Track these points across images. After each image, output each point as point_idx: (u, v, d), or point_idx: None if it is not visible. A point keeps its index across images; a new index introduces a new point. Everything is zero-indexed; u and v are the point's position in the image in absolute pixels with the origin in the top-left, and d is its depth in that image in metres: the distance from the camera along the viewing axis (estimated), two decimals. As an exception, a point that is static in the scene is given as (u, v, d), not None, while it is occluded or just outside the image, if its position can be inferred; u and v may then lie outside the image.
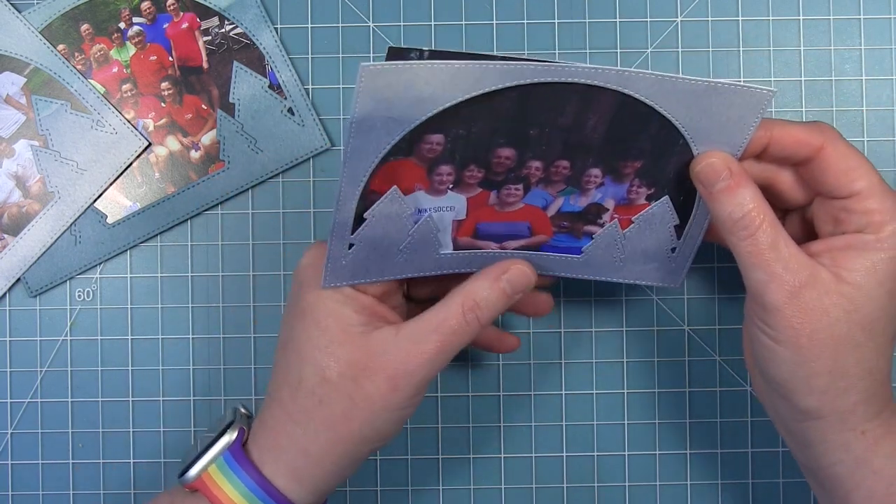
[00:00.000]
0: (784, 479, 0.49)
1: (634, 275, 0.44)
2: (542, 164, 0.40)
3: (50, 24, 0.48)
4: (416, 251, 0.41)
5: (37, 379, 0.49)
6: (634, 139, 0.39)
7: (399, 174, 0.39)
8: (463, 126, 0.38)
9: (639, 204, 0.42)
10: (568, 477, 0.49)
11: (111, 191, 0.49)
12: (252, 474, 0.38)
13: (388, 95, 0.36)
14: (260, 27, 0.49)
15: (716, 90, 0.38)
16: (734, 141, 0.39)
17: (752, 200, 0.38)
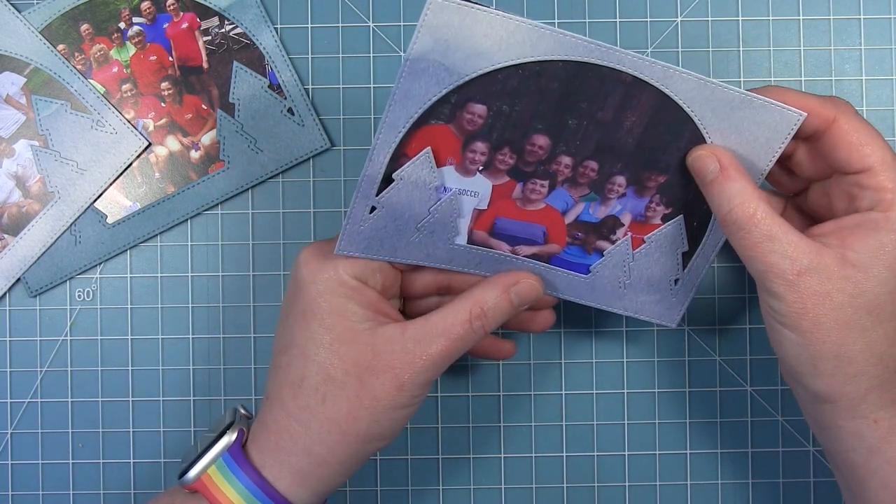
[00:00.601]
0: (784, 480, 0.49)
1: (635, 306, 0.44)
2: (572, 161, 0.40)
3: (50, 24, 0.48)
4: (433, 234, 0.41)
5: (37, 379, 0.49)
6: (664, 150, 0.40)
7: (436, 141, 0.39)
8: (507, 101, 0.38)
9: (654, 223, 0.42)
10: (568, 477, 0.49)
11: (111, 191, 0.49)
12: (252, 476, 0.38)
13: (447, 37, 0.37)
14: (260, 27, 0.49)
15: (751, 104, 0.38)
16: (758, 165, 0.40)
17: (739, 194, 0.38)
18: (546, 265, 0.43)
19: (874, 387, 0.38)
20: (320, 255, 0.40)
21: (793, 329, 0.37)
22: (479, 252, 0.42)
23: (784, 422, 0.49)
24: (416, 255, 0.42)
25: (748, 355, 0.49)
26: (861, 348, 0.37)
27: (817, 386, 0.38)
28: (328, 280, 0.39)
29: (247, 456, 0.39)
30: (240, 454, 0.39)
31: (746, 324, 0.49)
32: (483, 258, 0.42)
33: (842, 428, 0.38)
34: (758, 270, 0.38)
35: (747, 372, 0.49)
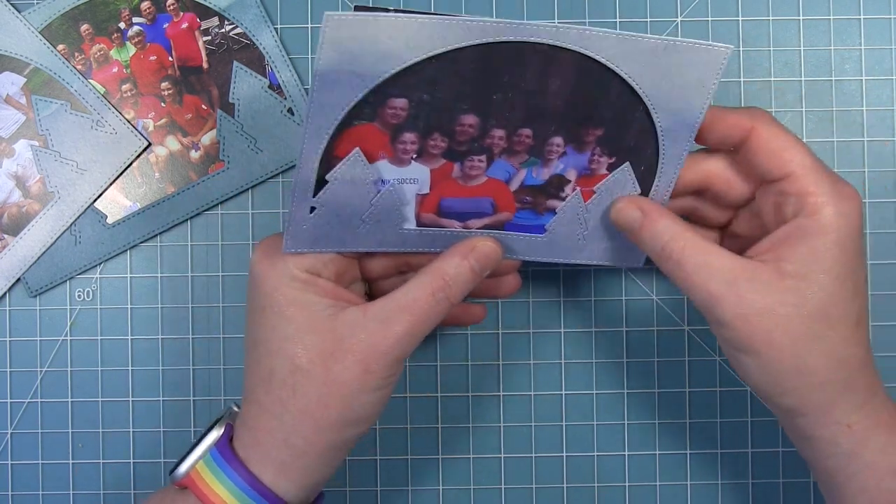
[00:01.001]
0: (784, 479, 0.49)
1: (597, 255, 0.44)
2: (505, 133, 0.40)
3: (50, 24, 0.48)
4: (380, 222, 0.41)
5: (37, 379, 0.49)
6: (595, 105, 0.39)
7: (363, 140, 0.39)
8: (427, 90, 0.38)
9: (600, 174, 0.41)
10: (568, 477, 0.49)
11: (111, 191, 0.49)
12: (239, 471, 0.38)
13: (352, 48, 0.36)
14: (260, 27, 0.49)
15: (675, 48, 0.38)
16: (693, 104, 0.39)
17: (666, 231, 0.38)
18: (501, 232, 0.42)
19: (841, 391, 0.37)
20: (270, 251, 0.39)
21: (748, 352, 0.37)
22: (432, 232, 0.42)
23: (784, 422, 0.49)
24: (367, 243, 0.41)
25: (748, 355, 0.49)
26: (819, 356, 0.37)
27: (785, 402, 0.38)
28: (280, 276, 0.39)
29: (233, 451, 0.39)
30: (227, 449, 0.39)
31: (746, 324, 0.49)
32: (436, 236, 0.42)
33: (818, 438, 0.38)
34: (700, 300, 0.37)
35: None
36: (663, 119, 0.40)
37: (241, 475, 0.38)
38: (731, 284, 0.37)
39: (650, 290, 0.49)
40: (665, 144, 0.40)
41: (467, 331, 0.49)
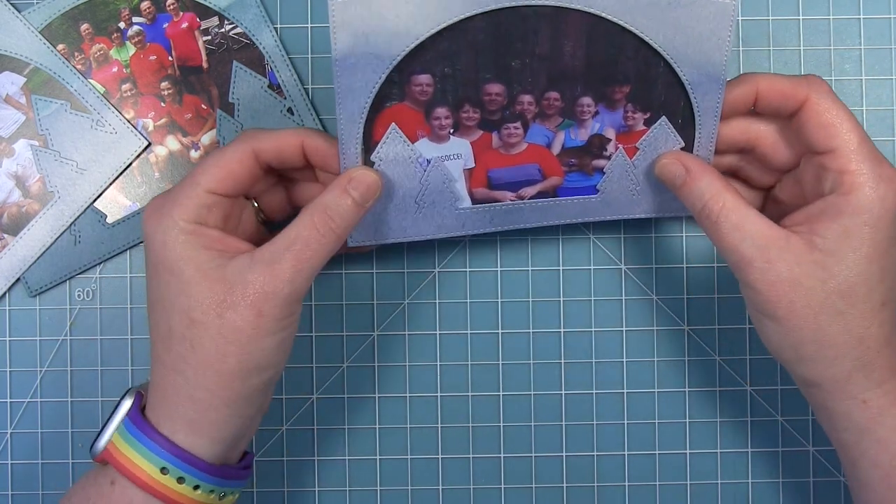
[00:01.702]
0: (784, 480, 0.49)
1: (655, 207, 0.44)
2: (532, 97, 0.41)
3: (50, 24, 0.48)
4: (435, 204, 0.42)
5: (37, 379, 0.49)
6: (615, 63, 0.40)
7: (399, 120, 0.40)
8: (447, 63, 0.39)
9: (638, 130, 0.42)
10: (568, 477, 0.49)
11: (111, 191, 0.49)
12: (150, 434, 0.38)
13: (363, 30, 0.37)
14: (260, 27, 0.49)
15: (678, 3, 0.38)
16: (713, 58, 0.40)
17: (708, 190, 0.39)
18: (555, 199, 0.43)
19: (858, 368, 0.38)
20: (156, 208, 0.39)
21: (771, 317, 0.38)
22: (488, 209, 0.43)
23: (784, 422, 0.49)
24: (427, 229, 0.42)
25: (748, 355, 0.49)
26: (838, 331, 0.38)
27: (802, 371, 0.39)
28: (166, 230, 0.38)
29: (145, 417, 0.39)
30: (137, 416, 0.39)
31: (746, 324, 0.49)
32: (494, 214, 0.43)
33: (832, 409, 0.39)
34: (732, 261, 0.39)
35: (747, 372, 0.49)
36: (687, 72, 0.40)
37: (152, 439, 0.38)
38: (763, 250, 0.38)
39: (650, 290, 0.49)
40: (696, 97, 0.41)
41: (467, 331, 0.49)
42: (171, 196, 0.39)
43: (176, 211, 0.39)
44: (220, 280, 0.37)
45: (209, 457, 0.38)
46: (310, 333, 0.49)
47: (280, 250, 0.38)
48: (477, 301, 0.49)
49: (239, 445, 0.40)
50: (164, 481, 0.37)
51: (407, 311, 0.49)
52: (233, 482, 0.40)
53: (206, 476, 0.38)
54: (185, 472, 0.37)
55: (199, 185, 0.39)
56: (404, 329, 0.49)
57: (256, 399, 0.39)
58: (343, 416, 0.49)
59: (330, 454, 0.49)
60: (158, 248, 0.38)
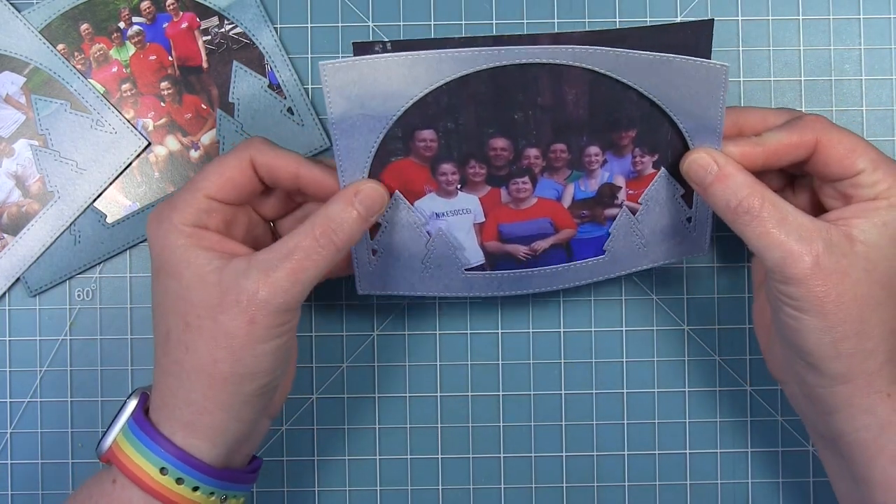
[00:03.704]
0: (784, 479, 0.49)
1: (661, 256, 0.44)
2: (538, 151, 0.40)
3: (49, 24, 0.48)
4: (441, 267, 0.42)
5: (36, 378, 0.49)
6: (620, 108, 0.39)
7: (405, 176, 0.40)
8: (449, 118, 0.38)
9: (648, 174, 0.42)
10: (568, 477, 0.49)
11: (111, 190, 0.49)
12: (151, 435, 0.38)
13: (357, 93, 0.37)
14: (259, 27, 0.48)
15: (670, 64, 0.38)
16: (709, 113, 0.40)
17: (745, 185, 0.39)
18: (566, 265, 0.43)
19: (887, 360, 0.38)
20: (157, 213, 0.39)
21: (815, 313, 0.37)
22: (494, 275, 0.42)
23: (784, 422, 0.49)
24: (435, 287, 0.42)
25: (748, 355, 0.49)
26: (877, 323, 0.38)
27: (836, 367, 0.38)
28: (166, 234, 0.38)
29: (148, 418, 0.39)
30: (141, 418, 0.39)
31: (746, 324, 0.49)
32: (502, 280, 0.43)
33: (855, 406, 0.39)
34: (774, 258, 0.38)
35: (747, 372, 0.49)
36: (685, 122, 0.40)
37: (153, 439, 0.38)
38: (808, 242, 0.37)
39: (650, 290, 0.49)
40: (695, 144, 0.41)
41: (467, 331, 0.49)
42: (172, 201, 0.39)
43: (175, 215, 0.39)
44: (216, 284, 0.37)
45: (210, 459, 0.38)
46: (310, 333, 0.49)
47: (278, 258, 0.37)
48: (477, 301, 0.49)
49: (242, 449, 0.40)
50: (163, 482, 0.37)
51: (407, 310, 0.49)
52: (236, 486, 0.40)
53: (206, 478, 0.38)
54: (183, 473, 0.37)
55: (199, 190, 0.39)
56: (404, 329, 0.49)
57: (254, 404, 0.39)
58: (343, 416, 0.49)
59: (330, 454, 0.49)
60: (159, 252, 0.39)
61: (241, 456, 0.40)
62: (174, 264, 0.38)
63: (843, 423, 0.39)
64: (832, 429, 0.40)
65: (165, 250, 0.38)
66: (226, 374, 0.37)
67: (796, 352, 0.39)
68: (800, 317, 0.38)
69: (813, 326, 0.38)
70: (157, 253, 0.39)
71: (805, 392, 0.41)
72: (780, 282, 0.38)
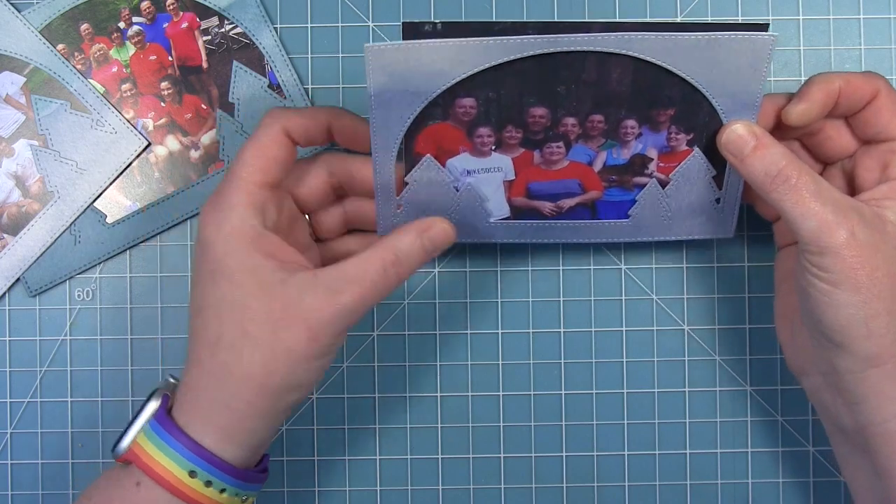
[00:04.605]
0: (784, 479, 0.49)
1: (685, 230, 0.45)
2: (576, 120, 0.41)
3: (49, 24, 0.48)
4: (466, 218, 0.42)
5: (36, 379, 0.49)
6: (661, 87, 0.40)
7: (440, 137, 0.40)
8: (491, 89, 0.39)
9: (681, 150, 0.42)
10: (568, 477, 0.49)
11: (111, 190, 0.49)
12: (180, 438, 0.38)
13: (400, 70, 0.38)
14: (259, 27, 0.48)
15: (717, 43, 0.39)
16: (749, 88, 0.40)
17: (783, 156, 0.39)
18: (590, 221, 0.43)
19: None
20: (215, 215, 0.39)
21: (848, 286, 0.37)
22: (519, 224, 0.43)
23: (784, 422, 0.49)
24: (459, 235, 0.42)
25: (748, 355, 0.49)
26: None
27: (868, 347, 0.38)
28: (230, 236, 0.38)
29: (173, 419, 0.39)
30: (164, 418, 0.39)
31: (746, 324, 0.49)
32: (524, 229, 0.43)
33: (884, 394, 0.38)
34: (810, 228, 0.38)
35: (747, 372, 0.49)
36: (722, 102, 0.41)
37: (182, 442, 0.38)
38: (844, 214, 0.37)
39: (650, 290, 0.49)
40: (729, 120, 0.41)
41: (467, 331, 0.49)
42: (223, 199, 0.39)
43: (234, 216, 0.38)
44: (279, 297, 0.37)
45: (235, 461, 0.38)
46: (310, 333, 0.49)
47: (344, 281, 0.38)
48: (477, 301, 0.49)
49: (262, 451, 0.41)
50: (192, 484, 0.37)
51: (407, 310, 0.49)
52: (254, 485, 0.40)
53: (233, 479, 0.38)
54: (213, 476, 0.38)
55: (243, 179, 0.39)
56: (404, 329, 0.49)
57: (289, 412, 0.40)
58: (343, 416, 0.49)
59: (330, 454, 0.49)
60: (220, 256, 0.38)
61: (257, 457, 0.40)
62: (237, 271, 0.38)
63: (871, 413, 0.39)
64: (858, 420, 0.40)
65: (228, 256, 0.38)
66: (276, 385, 0.38)
67: (826, 333, 0.39)
68: (832, 291, 0.38)
69: (845, 301, 0.37)
70: (218, 257, 0.38)
71: (831, 382, 0.40)
72: (815, 253, 0.38)
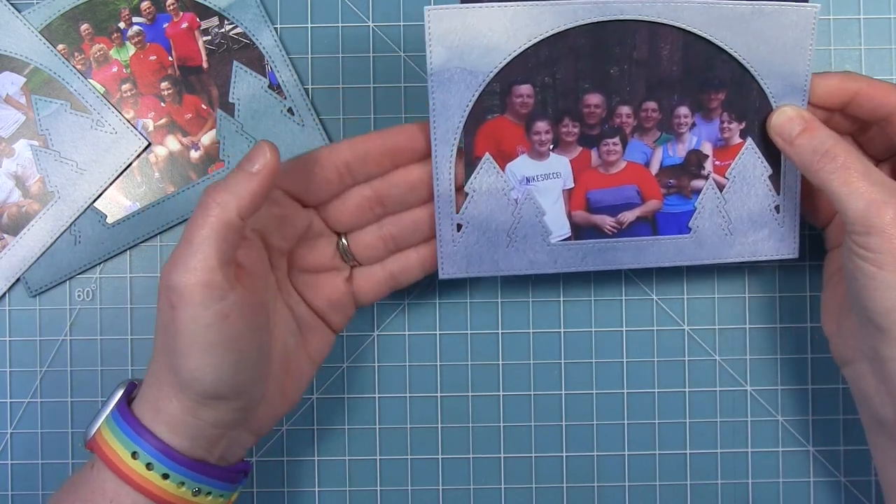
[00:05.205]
0: (784, 480, 0.49)
1: (749, 249, 0.44)
2: (631, 109, 0.41)
3: (50, 24, 0.48)
4: (527, 238, 0.42)
5: (36, 379, 0.49)
6: (711, 66, 0.41)
7: (499, 135, 0.41)
8: (546, 72, 0.40)
9: (735, 143, 0.42)
10: (568, 477, 0.49)
11: (111, 191, 0.49)
12: (128, 419, 0.38)
13: (457, 43, 0.39)
14: (259, 27, 0.48)
15: (762, 12, 0.39)
16: (797, 69, 0.41)
17: (831, 137, 0.40)
18: (652, 239, 0.43)
19: None
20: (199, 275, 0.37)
21: (894, 267, 0.37)
22: (581, 245, 0.43)
23: (784, 422, 0.49)
24: (520, 264, 0.43)
25: (748, 355, 0.49)
26: None
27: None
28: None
29: (129, 407, 0.39)
30: (123, 407, 0.39)
31: (746, 324, 0.49)
32: (586, 251, 0.43)
33: None
34: (858, 207, 0.38)
35: (747, 372, 0.49)
36: (771, 85, 0.41)
37: (127, 422, 0.38)
38: (892, 195, 0.38)
39: (650, 290, 0.49)
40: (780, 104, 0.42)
41: (467, 331, 0.49)
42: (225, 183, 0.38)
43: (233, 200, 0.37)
44: None
45: (176, 448, 0.38)
46: (310, 333, 0.49)
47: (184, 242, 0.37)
48: (477, 301, 0.49)
49: (212, 449, 0.39)
50: (133, 466, 0.37)
51: (407, 310, 0.49)
52: (211, 481, 0.39)
53: (175, 465, 0.38)
54: (153, 458, 0.37)
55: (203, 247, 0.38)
56: (404, 329, 0.49)
57: (210, 407, 0.38)
58: (343, 416, 0.49)
59: (330, 454, 0.49)
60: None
61: (212, 456, 0.40)
62: None
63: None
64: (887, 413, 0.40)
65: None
66: (172, 366, 0.37)
67: (872, 317, 0.39)
68: (878, 273, 0.38)
69: (891, 282, 0.38)
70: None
71: (877, 369, 0.40)
72: (861, 234, 0.38)
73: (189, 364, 0.37)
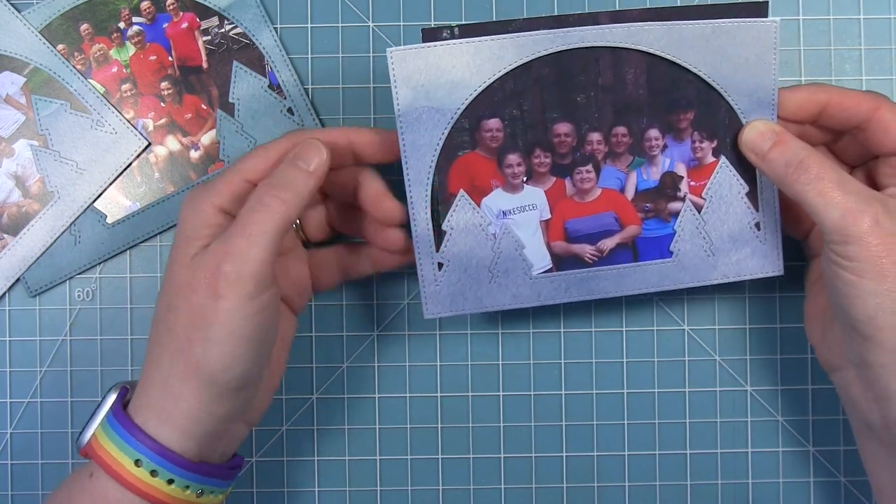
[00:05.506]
0: (784, 480, 0.49)
1: (734, 270, 0.44)
2: (601, 135, 0.41)
3: (49, 24, 0.48)
4: (508, 272, 0.42)
5: (36, 379, 0.49)
6: (678, 87, 0.41)
7: (472, 170, 0.41)
8: (513, 104, 0.40)
9: (709, 163, 0.42)
10: (568, 477, 0.49)
11: (111, 191, 0.49)
12: (127, 426, 0.38)
13: (422, 83, 0.38)
14: (259, 27, 0.48)
15: (721, 30, 0.39)
16: (762, 83, 0.40)
17: (804, 148, 0.40)
18: (633, 265, 0.43)
19: None
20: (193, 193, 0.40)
21: (873, 275, 0.37)
22: (563, 277, 0.43)
23: (784, 422, 0.49)
24: (503, 299, 0.43)
25: (747, 355, 0.49)
26: None
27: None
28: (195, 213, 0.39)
29: (126, 412, 0.39)
30: (119, 410, 0.39)
31: (746, 324, 0.49)
32: (570, 282, 0.43)
33: None
34: (834, 217, 0.38)
35: (747, 372, 0.49)
36: (739, 101, 0.41)
37: (128, 430, 0.38)
38: (867, 202, 0.38)
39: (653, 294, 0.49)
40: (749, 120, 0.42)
41: (467, 331, 0.49)
42: (210, 182, 0.40)
43: (212, 195, 0.39)
44: (189, 265, 0.38)
45: (183, 451, 0.38)
46: (310, 333, 0.49)
47: (230, 234, 0.37)
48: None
49: (216, 446, 0.40)
50: (138, 474, 0.37)
51: (407, 311, 0.49)
52: (213, 480, 0.39)
53: (180, 471, 0.38)
54: (157, 465, 0.37)
55: (239, 171, 0.40)
56: (404, 329, 0.49)
57: (227, 400, 0.38)
58: (343, 416, 0.49)
59: (330, 454, 0.49)
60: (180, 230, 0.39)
61: (215, 453, 0.40)
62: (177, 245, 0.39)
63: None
64: (887, 416, 0.40)
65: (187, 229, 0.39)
66: (199, 357, 0.37)
67: (855, 325, 0.39)
68: (858, 282, 0.38)
69: (871, 290, 0.38)
70: (179, 230, 0.39)
71: (862, 376, 0.40)
72: (839, 243, 0.38)
73: (221, 355, 0.37)
